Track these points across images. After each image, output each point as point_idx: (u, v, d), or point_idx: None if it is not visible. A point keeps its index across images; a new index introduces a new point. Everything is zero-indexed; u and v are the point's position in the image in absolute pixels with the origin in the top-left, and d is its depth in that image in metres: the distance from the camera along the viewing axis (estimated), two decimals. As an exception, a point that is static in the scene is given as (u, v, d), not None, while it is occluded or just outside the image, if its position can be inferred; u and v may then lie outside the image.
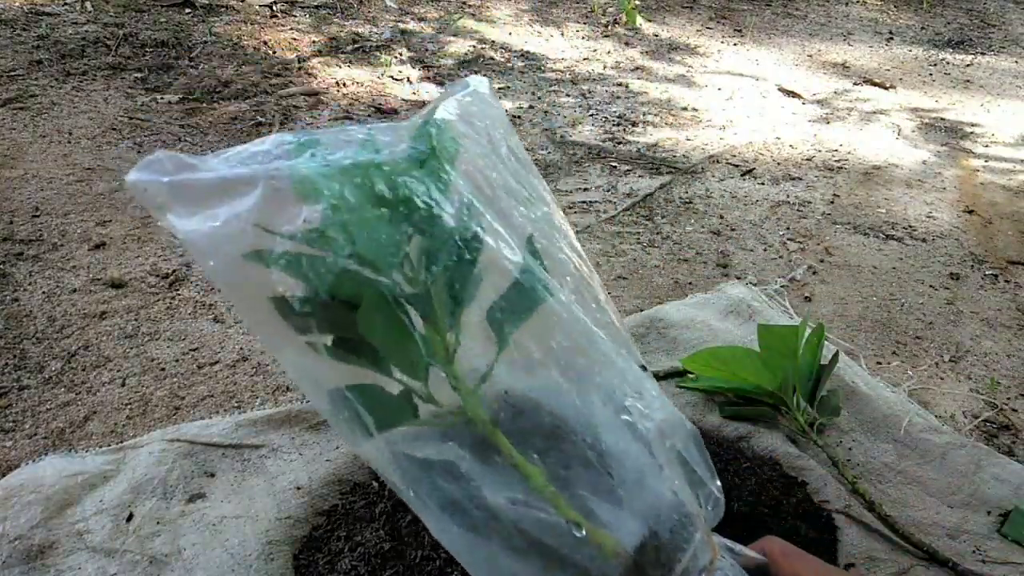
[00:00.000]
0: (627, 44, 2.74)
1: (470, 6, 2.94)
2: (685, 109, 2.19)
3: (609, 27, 2.89)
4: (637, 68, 2.51)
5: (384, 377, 0.41)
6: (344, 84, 2.12)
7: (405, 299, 0.39)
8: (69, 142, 1.63)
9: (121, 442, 0.84)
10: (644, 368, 0.46)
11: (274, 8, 2.64)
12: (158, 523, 0.72)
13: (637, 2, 3.01)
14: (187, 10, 2.54)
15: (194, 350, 1.06)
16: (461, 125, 0.44)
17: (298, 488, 0.76)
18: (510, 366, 0.42)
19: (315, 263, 0.37)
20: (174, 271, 1.23)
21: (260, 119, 1.85)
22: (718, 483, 0.47)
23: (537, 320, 0.42)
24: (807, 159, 1.89)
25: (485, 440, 0.41)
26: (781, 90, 2.39)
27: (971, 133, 2.13)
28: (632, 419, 0.43)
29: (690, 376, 0.95)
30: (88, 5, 2.46)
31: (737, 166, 1.83)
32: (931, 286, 1.35)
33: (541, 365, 0.42)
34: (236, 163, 0.37)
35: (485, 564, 0.41)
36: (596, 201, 1.60)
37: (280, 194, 0.36)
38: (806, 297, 1.30)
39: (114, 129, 1.72)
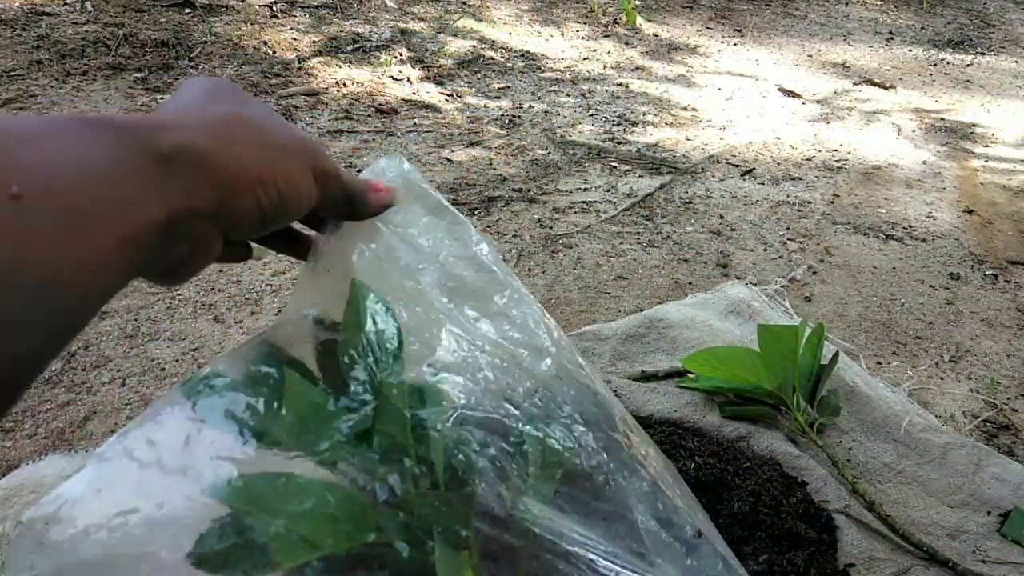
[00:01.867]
0: (627, 44, 2.74)
1: (470, 6, 2.94)
2: (685, 109, 2.19)
3: (609, 27, 2.89)
4: (637, 68, 2.51)
5: None
6: (344, 84, 2.12)
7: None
8: (69, 142, 1.63)
9: (121, 442, 0.84)
10: (700, 534, 0.41)
11: (274, 8, 2.64)
12: (158, 523, 0.72)
13: (637, 2, 3.01)
14: (187, 10, 2.54)
15: (194, 350, 1.06)
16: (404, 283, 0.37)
17: (298, 488, 0.76)
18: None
19: None
20: (174, 271, 1.23)
21: (260, 119, 1.86)
22: None
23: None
24: (807, 159, 1.89)
25: None
26: (781, 90, 2.39)
27: (971, 133, 2.13)
28: None
29: (690, 376, 0.95)
30: (88, 5, 2.46)
31: (737, 166, 1.83)
32: (931, 286, 1.35)
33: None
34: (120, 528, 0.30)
35: None
36: (596, 201, 1.60)
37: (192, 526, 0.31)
38: (806, 297, 1.30)
39: (114, 129, 1.72)
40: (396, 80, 2.20)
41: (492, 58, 2.45)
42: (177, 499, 0.31)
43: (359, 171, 0.40)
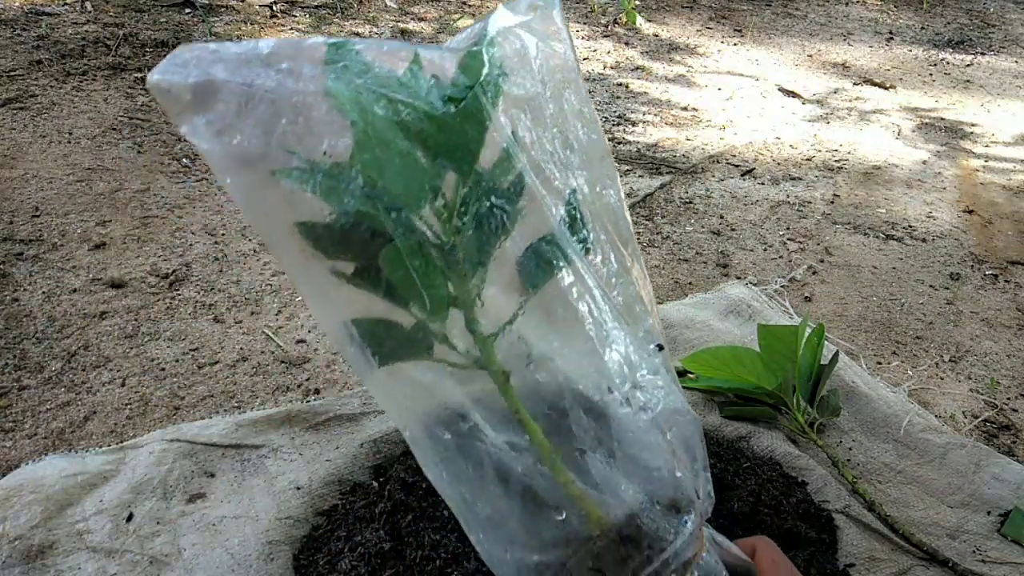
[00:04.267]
0: (627, 44, 2.74)
1: (470, 6, 2.94)
2: (685, 109, 2.19)
3: (609, 27, 2.89)
4: (637, 68, 2.51)
5: (401, 311, 0.40)
6: (344, 84, 2.12)
7: (432, 239, 0.39)
8: (69, 142, 1.63)
9: (121, 442, 0.84)
10: (661, 348, 0.46)
11: (274, 8, 2.64)
12: (158, 523, 0.72)
13: (637, 2, 3.01)
14: (187, 10, 2.54)
15: (194, 350, 1.06)
16: (513, 55, 0.41)
17: (298, 488, 0.76)
18: (530, 321, 0.41)
19: (340, 193, 0.36)
20: (174, 271, 1.23)
21: (260, 119, 1.85)
22: (708, 475, 0.46)
23: (559, 283, 0.41)
24: (807, 159, 1.89)
25: (494, 389, 0.41)
26: (781, 90, 2.40)
27: (971, 133, 2.13)
28: (631, 409, 0.42)
29: (690, 376, 0.95)
30: (88, 5, 2.46)
31: (737, 166, 1.83)
32: (931, 286, 1.35)
33: (558, 328, 0.42)
34: (263, 67, 0.35)
35: (474, 507, 0.41)
36: (596, 201, 1.60)
37: (307, 116, 0.35)
38: (806, 297, 1.30)
39: (114, 129, 1.72)
40: (396, 80, 2.20)
41: (492, 58, 2.45)
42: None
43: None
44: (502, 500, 0.41)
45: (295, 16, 2.62)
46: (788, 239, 1.49)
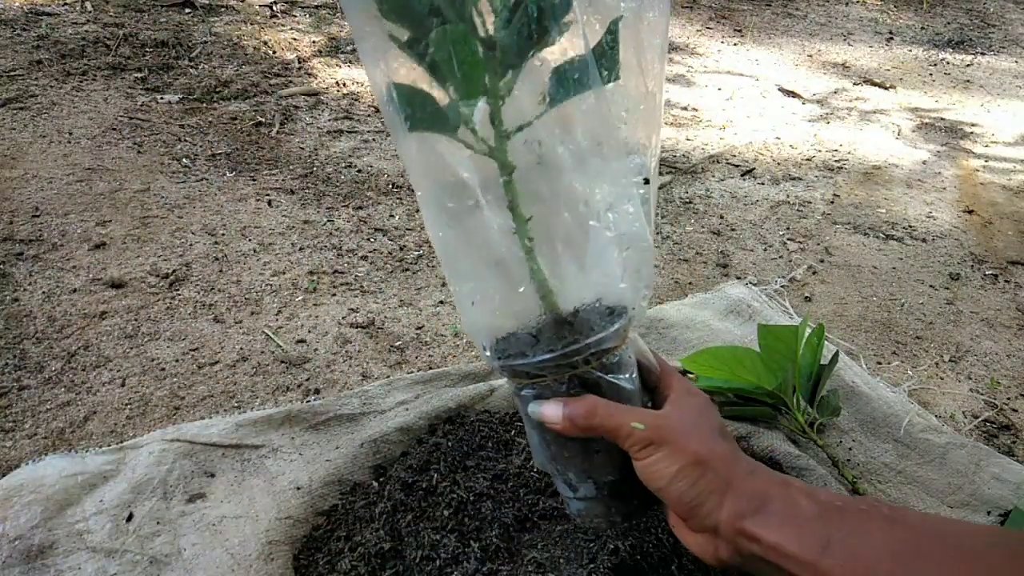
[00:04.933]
0: (627, 44, 2.74)
1: None
2: (685, 109, 2.19)
3: (609, 27, 2.89)
4: (637, 68, 2.51)
5: (439, 89, 0.45)
6: (344, 84, 2.13)
7: (480, 30, 0.43)
8: (69, 142, 1.63)
9: (121, 442, 0.84)
10: (647, 181, 0.53)
11: (274, 8, 2.64)
12: (158, 523, 0.72)
13: (637, 2, 3.01)
14: (187, 10, 2.54)
15: (194, 350, 1.06)
16: None
17: (298, 488, 0.76)
18: (543, 131, 0.47)
19: None
20: (174, 271, 1.23)
21: (260, 119, 1.85)
22: (647, 293, 0.53)
23: (575, 105, 0.47)
24: (807, 159, 1.89)
25: (499, 177, 0.47)
26: (781, 90, 2.40)
27: (971, 133, 2.13)
28: (599, 225, 0.49)
29: (690, 376, 0.94)
30: (88, 5, 2.46)
31: (737, 166, 1.83)
32: (931, 286, 1.35)
33: (565, 142, 0.48)
34: None
35: (458, 264, 0.50)
36: (596, 201, 1.60)
37: None
38: (806, 297, 1.30)
39: (114, 129, 1.72)
40: (396, 80, 2.20)
41: (492, 58, 2.45)
42: None
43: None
44: (480, 267, 0.49)
45: (295, 16, 2.62)
46: (788, 239, 1.49)
